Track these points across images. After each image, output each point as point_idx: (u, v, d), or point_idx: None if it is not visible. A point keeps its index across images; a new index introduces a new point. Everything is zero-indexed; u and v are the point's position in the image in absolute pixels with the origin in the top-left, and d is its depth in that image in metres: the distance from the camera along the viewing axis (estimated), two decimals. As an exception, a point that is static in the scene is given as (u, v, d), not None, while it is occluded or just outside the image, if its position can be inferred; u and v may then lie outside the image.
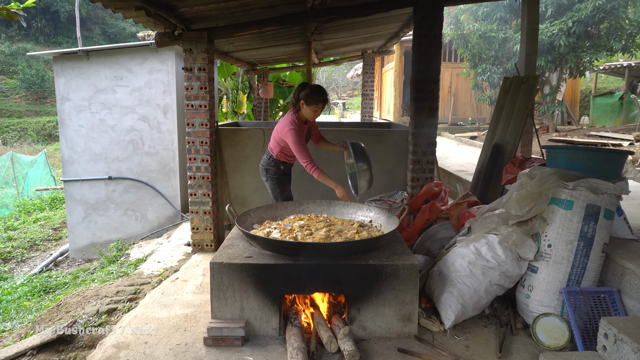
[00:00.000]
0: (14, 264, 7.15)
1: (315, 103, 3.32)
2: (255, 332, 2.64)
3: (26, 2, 2.96)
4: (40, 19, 29.84)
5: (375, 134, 4.63)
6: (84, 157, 6.23)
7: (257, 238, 2.71)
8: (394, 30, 6.91)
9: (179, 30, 3.93)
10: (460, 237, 3.07)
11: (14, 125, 23.04)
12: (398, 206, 3.99)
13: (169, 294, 3.30)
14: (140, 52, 6.07)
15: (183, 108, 5.34)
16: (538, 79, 4.40)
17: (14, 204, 10.46)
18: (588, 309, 2.57)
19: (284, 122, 3.38)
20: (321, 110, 3.41)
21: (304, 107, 3.34)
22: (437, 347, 2.50)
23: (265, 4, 3.75)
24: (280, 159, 3.56)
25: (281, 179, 3.65)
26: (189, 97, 4.12)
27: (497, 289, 2.78)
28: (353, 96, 31.45)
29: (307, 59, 6.36)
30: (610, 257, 2.74)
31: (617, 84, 16.08)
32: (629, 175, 2.86)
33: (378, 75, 16.78)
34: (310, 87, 3.35)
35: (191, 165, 4.24)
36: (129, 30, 32.60)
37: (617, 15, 9.24)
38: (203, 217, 4.29)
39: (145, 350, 2.52)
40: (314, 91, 3.32)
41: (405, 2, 4.14)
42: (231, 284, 2.61)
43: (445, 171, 6.83)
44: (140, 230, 6.33)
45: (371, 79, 9.22)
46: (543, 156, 4.59)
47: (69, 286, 5.02)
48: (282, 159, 3.57)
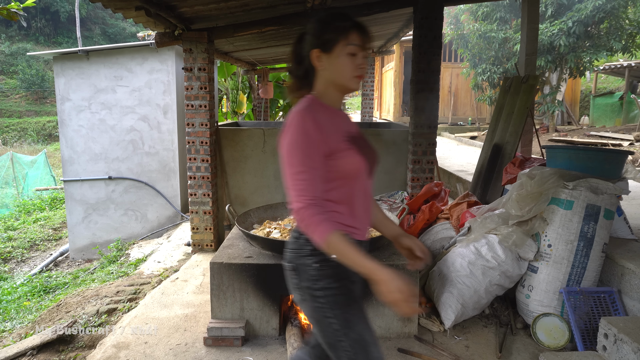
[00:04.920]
0: (14, 264, 7.15)
1: (347, 36, 1.41)
2: (255, 332, 2.64)
3: (26, 2, 2.96)
4: (40, 19, 29.82)
5: (375, 134, 4.63)
6: (84, 157, 6.23)
7: (257, 238, 2.71)
8: (394, 30, 6.90)
9: (179, 30, 3.93)
10: (460, 237, 3.07)
11: (14, 125, 23.03)
12: (398, 206, 3.99)
13: (169, 294, 3.30)
14: (140, 52, 6.06)
15: (183, 108, 5.34)
16: (538, 79, 4.40)
17: (14, 204, 10.46)
18: (588, 309, 2.57)
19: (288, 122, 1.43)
20: (367, 56, 1.50)
21: (326, 61, 1.43)
22: (437, 347, 2.50)
23: (265, 4, 3.74)
24: None
25: (345, 288, 1.45)
26: (189, 97, 4.12)
27: (497, 289, 2.78)
28: (353, 96, 31.43)
29: (307, 59, 6.34)
30: (610, 257, 2.74)
31: (617, 84, 16.07)
32: (629, 175, 2.87)
33: (378, 75, 16.77)
34: (323, 15, 1.48)
35: (191, 165, 4.23)
36: (129, 30, 32.59)
37: (617, 15, 9.24)
38: (203, 217, 4.28)
39: (145, 350, 2.52)
40: (335, 17, 1.45)
41: (405, 2, 4.14)
42: (231, 284, 2.60)
43: (445, 171, 6.83)
44: (140, 230, 6.33)
45: (371, 79, 9.22)
46: (543, 156, 4.59)
47: (69, 286, 5.02)
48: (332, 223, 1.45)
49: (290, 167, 1.35)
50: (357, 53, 1.42)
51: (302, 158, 1.34)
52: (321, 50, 1.42)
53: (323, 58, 1.43)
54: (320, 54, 1.43)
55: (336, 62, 1.41)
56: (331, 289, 1.40)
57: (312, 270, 1.42)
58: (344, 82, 1.44)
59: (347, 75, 1.42)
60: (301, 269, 1.44)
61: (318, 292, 1.41)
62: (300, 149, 1.35)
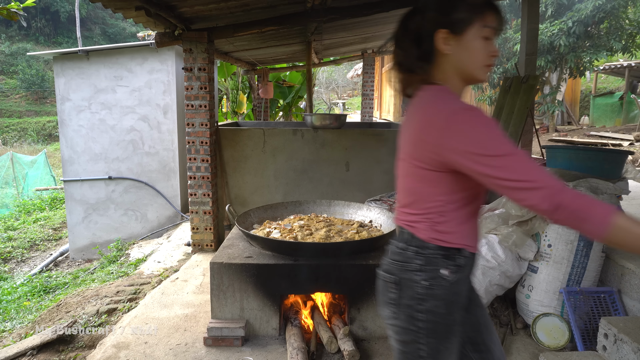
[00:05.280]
0: (14, 264, 7.15)
1: (483, 16, 1.19)
2: (255, 332, 2.64)
3: (26, 2, 2.96)
4: (40, 19, 29.83)
5: (375, 134, 4.63)
6: (84, 157, 6.23)
7: (257, 238, 2.71)
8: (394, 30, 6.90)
9: (179, 30, 3.93)
10: (460, 237, 3.06)
11: (14, 125, 23.04)
12: (398, 206, 3.98)
13: (169, 294, 3.30)
14: (140, 52, 6.06)
15: (183, 108, 5.34)
16: (538, 79, 4.40)
17: (14, 204, 10.45)
18: (588, 309, 2.57)
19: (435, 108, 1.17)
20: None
21: (455, 45, 1.20)
22: (437, 347, 2.50)
23: (265, 4, 3.74)
24: (450, 242, 1.22)
25: (450, 316, 1.24)
26: (189, 97, 4.12)
27: (497, 289, 2.78)
28: (353, 96, 31.45)
29: (307, 59, 6.35)
30: (610, 257, 2.74)
31: (617, 84, 16.07)
32: (629, 175, 2.87)
33: (378, 75, 16.77)
34: None
35: (191, 165, 4.23)
36: (129, 30, 32.59)
37: (617, 15, 9.25)
38: (203, 217, 4.28)
39: (145, 350, 2.52)
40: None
41: (405, 2, 4.14)
42: (231, 284, 2.60)
43: (445, 171, 6.82)
44: (140, 230, 6.33)
45: (371, 79, 9.22)
46: (543, 156, 4.59)
47: (69, 286, 5.02)
48: (457, 238, 1.23)
49: (494, 157, 1.04)
50: (491, 37, 1.20)
51: (503, 141, 1.06)
52: (450, 32, 1.19)
53: (451, 41, 1.19)
54: (447, 36, 1.19)
55: (468, 46, 1.19)
56: (436, 314, 1.20)
57: (420, 288, 1.21)
58: (474, 71, 1.22)
59: (479, 63, 1.21)
60: (405, 284, 1.24)
61: (420, 315, 1.21)
62: (494, 134, 1.07)
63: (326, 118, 4.65)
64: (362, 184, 4.58)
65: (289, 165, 4.58)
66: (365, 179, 4.58)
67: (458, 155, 1.10)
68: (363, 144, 4.54)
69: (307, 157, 4.56)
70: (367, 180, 4.58)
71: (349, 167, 4.57)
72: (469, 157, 1.08)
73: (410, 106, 1.26)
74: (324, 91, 27.47)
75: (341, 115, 4.81)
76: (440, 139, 1.12)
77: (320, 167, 4.57)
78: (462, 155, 1.09)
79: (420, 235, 1.23)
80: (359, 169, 4.57)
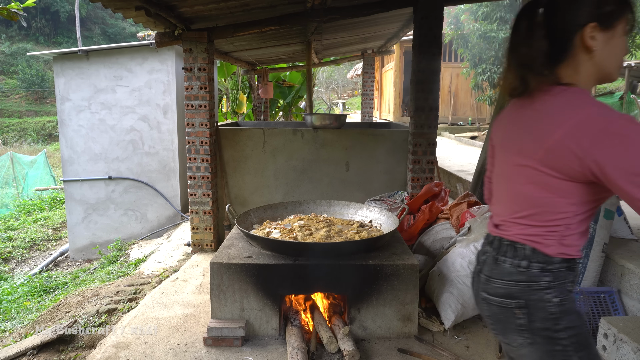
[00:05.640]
0: (14, 264, 7.15)
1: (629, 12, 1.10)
2: (255, 332, 2.64)
3: (26, 2, 2.96)
4: (40, 19, 29.83)
5: (375, 134, 4.63)
6: (84, 157, 6.23)
7: (257, 238, 2.71)
8: (394, 30, 6.90)
9: (179, 30, 3.93)
10: (460, 237, 3.07)
11: (14, 125, 23.03)
12: (398, 206, 3.99)
13: (169, 294, 3.30)
14: (140, 52, 6.06)
15: (183, 108, 5.34)
16: (538, 79, 4.40)
17: (14, 204, 10.46)
18: (588, 309, 2.57)
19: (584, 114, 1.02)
20: None
21: (600, 41, 1.08)
22: (437, 347, 2.50)
23: (265, 4, 3.74)
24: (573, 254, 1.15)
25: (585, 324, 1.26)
26: (189, 97, 4.12)
27: (497, 289, 2.77)
28: (353, 96, 31.45)
29: (307, 59, 6.35)
30: (610, 257, 2.74)
31: (617, 84, 16.08)
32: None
33: (378, 75, 16.78)
34: None
35: (191, 165, 4.24)
36: (129, 30, 32.59)
37: (617, 15, 9.25)
38: (203, 217, 4.28)
39: (145, 350, 2.52)
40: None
41: (405, 2, 4.14)
42: (231, 284, 2.60)
43: (445, 171, 6.83)
44: (140, 230, 6.33)
45: (371, 79, 9.21)
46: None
47: (69, 286, 5.02)
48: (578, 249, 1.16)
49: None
50: (627, 35, 1.10)
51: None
52: (599, 26, 1.06)
53: (598, 36, 1.07)
54: (595, 30, 1.06)
55: (614, 43, 1.08)
56: (575, 328, 1.13)
57: (553, 307, 1.12)
58: (613, 70, 1.10)
59: (620, 61, 1.10)
60: (535, 306, 1.14)
61: (561, 334, 1.12)
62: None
63: (326, 118, 4.65)
64: (362, 184, 4.59)
65: (289, 165, 4.58)
66: (365, 179, 4.58)
67: (610, 168, 0.98)
68: (363, 144, 4.54)
69: (307, 157, 4.56)
70: (367, 180, 4.58)
71: (349, 167, 4.58)
72: (621, 174, 0.97)
73: (523, 108, 1.17)
74: (324, 91, 27.47)
75: (341, 115, 4.80)
76: (591, 149, 0.99)
77: (320, 167, 4.57)
78: (615, 170, 0.97)
79: (546, 251, 1.13)
80: (359, 169, 4.57)
